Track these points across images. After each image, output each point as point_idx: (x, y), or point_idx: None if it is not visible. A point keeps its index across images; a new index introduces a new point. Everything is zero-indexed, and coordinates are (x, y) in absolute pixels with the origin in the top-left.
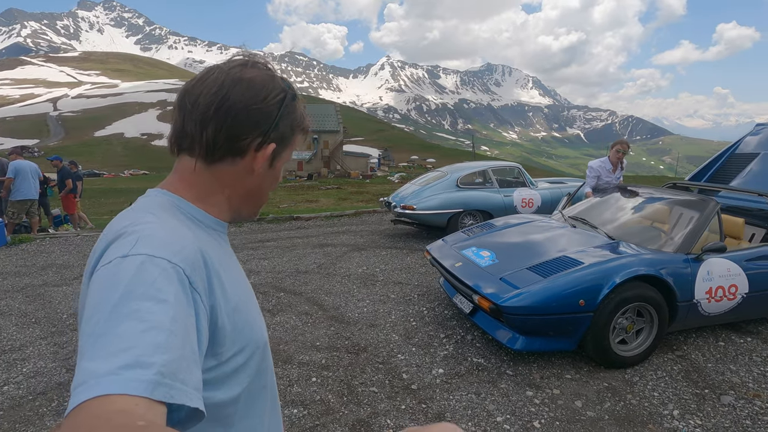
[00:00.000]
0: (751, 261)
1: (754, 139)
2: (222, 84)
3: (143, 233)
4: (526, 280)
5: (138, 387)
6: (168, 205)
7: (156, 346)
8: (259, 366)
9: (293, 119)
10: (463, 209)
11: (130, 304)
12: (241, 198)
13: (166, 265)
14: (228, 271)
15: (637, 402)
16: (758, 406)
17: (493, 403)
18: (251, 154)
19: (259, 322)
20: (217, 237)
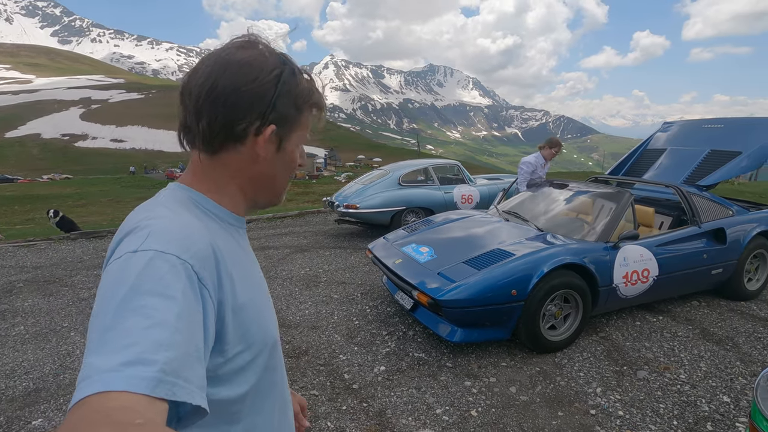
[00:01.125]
0: (660, 246)
1: (663, 136)
2: (212, 71)
3: (154, 228)
4: (462, 273)
5: (139, 384)
6: (185, 199)
7: (159, 343)
8: (267, 364)
9: (296, 96)
10: (405, 207)
11: (137, 300)
12: (254, 186)
13: (175, 261)
14: (240, 268)
15: (565, 383)
16: (668, 378)
17: (432, 396)
18: (251, 139)
19: (270, 320)
20: (233, 232)
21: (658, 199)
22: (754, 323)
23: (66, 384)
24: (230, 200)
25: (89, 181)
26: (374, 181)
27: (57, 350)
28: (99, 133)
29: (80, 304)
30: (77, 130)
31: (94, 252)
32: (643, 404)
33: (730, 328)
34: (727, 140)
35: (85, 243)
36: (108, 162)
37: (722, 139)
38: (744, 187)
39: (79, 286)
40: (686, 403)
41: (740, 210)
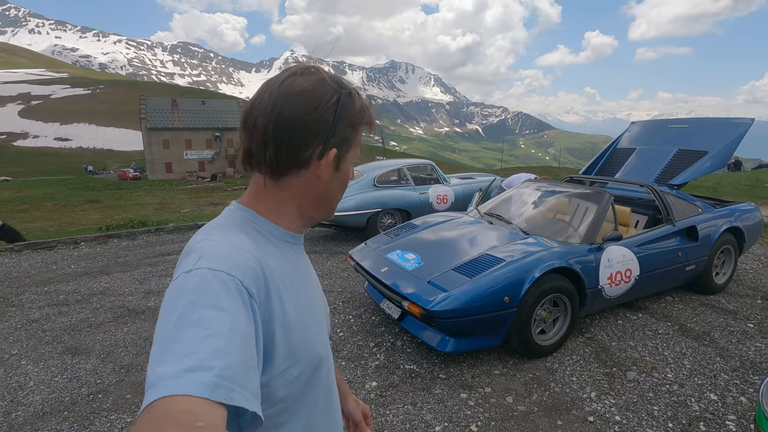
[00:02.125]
0: (640, 246)
1: (630, 136)
2: (275, 102)
3: (206, 249)
4: (453, 281)
5: (199, 388)
6: (241, 219)
7: (216, 350)
8: (309, 381)
9: (351, 117)
10: (381, 208)
11: (194, 313)
12: (312, 205)
13: (225, 278)
14: (291, 286)
15: (560, 389)
16: (656, 378)
17: (430, 411)
18: (315, 163)
19: (319, 337)
20: (287, 249)
21: (632, 198)
22: (725, 317)
23: (19, 423)
24: (287, 219)
25: (32, 184)
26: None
27: (6, 383)
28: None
29: (31, 327)
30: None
31: (43, 265)
32: (637, 407)
33: (705, 323)
34: (693, 140)
35: (31, 255)
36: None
37: (688, 138)
38: (698, 182)
39: (27, 305)
40: (677, 403)
41: (707, 207)
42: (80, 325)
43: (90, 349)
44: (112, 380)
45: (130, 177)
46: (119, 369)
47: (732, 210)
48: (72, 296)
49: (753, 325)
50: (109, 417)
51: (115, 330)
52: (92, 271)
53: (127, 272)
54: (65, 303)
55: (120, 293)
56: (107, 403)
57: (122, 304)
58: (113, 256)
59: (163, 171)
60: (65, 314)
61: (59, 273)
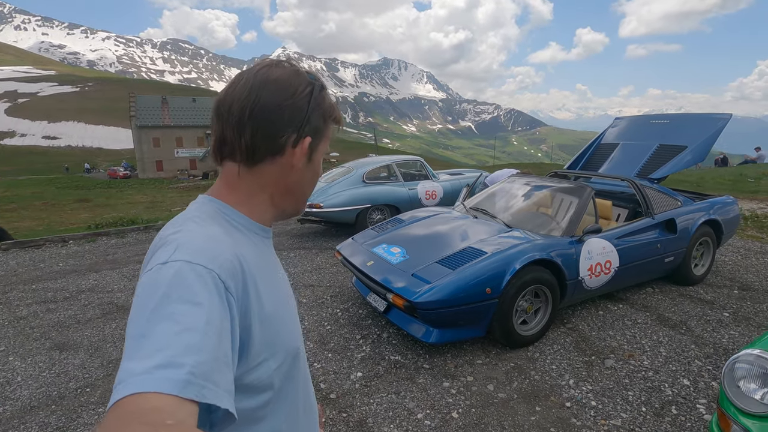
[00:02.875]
0: (620, 239)
1: (614, 131)
2: (251, 87)
3: (182, 241)
4: (436, 273)
5: (169, 385)
6: (213, 211)
7: (188, 347)
8: (289, 372)
9: (324, 110)
10: (370, 204)
11: (168, 307)
12: (284, 195)
13: (201, 271)
14: (266, 277)
15: (539, 377)
16: (632, 365)
17: (413, 400)
18: (289, 151)
19: (293, 329)
20: (260, 242)
21: (614, 192)
22: (702, 306)
23: (7, 417)
24: (259, 210)
25: (19, 183)
26: (337, 179)
27: None
28: (28, 130)
29: (18, 324)
30: (3, 127)
31: (30, 263)
32: (613, 393)
33: (683, 312)
34: (673, 135)
35: (19, 253)
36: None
37: (669, 133)
38: (681, 176)
39: (15, 302)
40: (651, 388)
41: (686, 200)
42: (68, 321)
43: (78, 344)
44: (100, 374)
45: (120, 176)
46: (107, 363)
47: (711, 203)
48: (60, 293)
49: (728, 314)
50: (97, 410)
51: (103, 326)
52: (81, 269)
53: (116, 269)
54: (53, 300)
55: (108, 290)
56: (95, 396)
57: (111, 300)
58: (102, 254)
59: (154, 169)
60: (53, 311)
61: (47, 271)
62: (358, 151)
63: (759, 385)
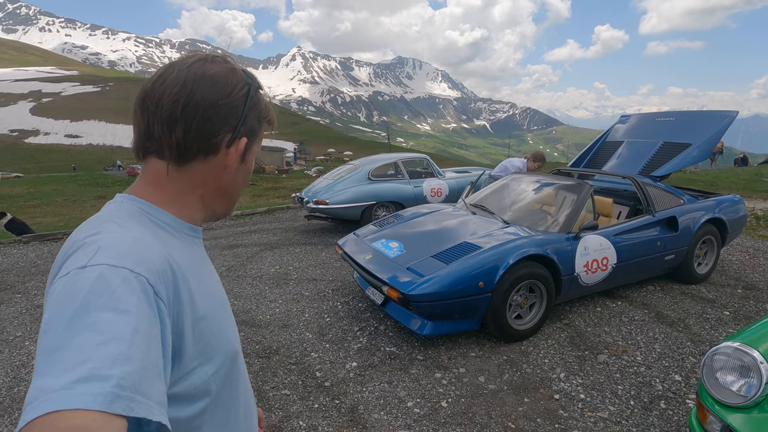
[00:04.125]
0: (618, 236)
1: (621, 128)
2: (185, 82)
3: (103, 243)
4: (431, 267)
5: (94, 401)
6: (135, 211)
7: (115, 357)
8: (227, 377)
9: (259, 111)
10: (376, 201)
11: (88, 316)
12: (215, 196)
13: (127, 275)
14: (198, 279)
15: (531, 370)
16: (625, 360)
17: (404, 389)
18: (223, 151)
19: (230, 331)
20: (190, 243)
21: (616, 189)
22: (703, 305)
23: (21, 397)
24: (188, 211)
25: (42, 180)
26: (344, 176)
27: (10, 362)
28: (52, 129)
29: (35, 312)
30: (27, 126)
31: (49, 255)
32: (603, 387)
33: (682, 310)
34: (678, 133)
35: (39, 246)
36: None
37: (674, 131)
38: (695, 176)
39: (33, 292)
40: (642, 383)
41: (690, 199)
42: None
43: None
44: None
45: (138, 173)
46: None
47: (716, 202)
48: None
49: (729, 313)
50: None
51: None
52: None
53: None
54: None
55: None
56: None
57: None
58: None
59: None
60: None
61: None
62: (372, 150)
63: (736, 376)
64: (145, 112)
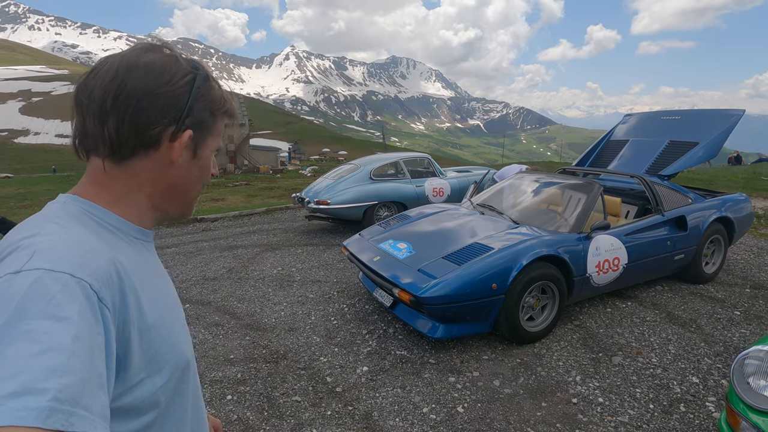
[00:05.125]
0: (628, 235)
1: (624, 128)
2: (116, 71)
3: (40, 246)
4: (442, 269)
5: (27, 417)
6: (78, 212)
7: (52, 369)
8: (177, 388)
9: (210, 102)
10: (377, 201)
11: (22, 325)
12: (165, 195)
13: (68, 280)
14: (147, 285)
15: (546, 373)
16: (641, 362)
17: (418, 394)
18: (166, 145)
19: (182, 339)
20: (139, 246)
21: (623, 188)
22: (713, 305)
23: None
24: (136, 212)
25: (33, 180)
26: (345, 175)
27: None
28: (42, 128)
29: None
30: (17, 125)
31: None
32: (620, 390)
33: (693, 310)
34: (684, 131)
35: None
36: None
37: (680, 130)
38: (694, 174)
39: None
40: (659, 386)
41: (697, 198)
42: None
43: None
44: None
45: None
46: None
47: (723, 201)
48: None
49: (739, 313)
50: None
51: None
52: None
53: None
54: None
55: None
56: None
57: None
58: None
59: None
60: None
61: None
62: (367, 150)
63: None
64: (79, 106)
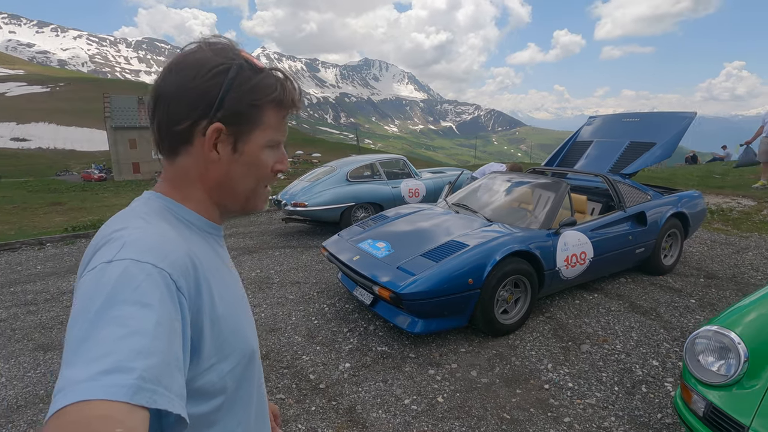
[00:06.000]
0: (594, 231)
1: (589, 129)
2: (162, 74)
3: (129, 238)
4: (420, 266)
5: (118, 392)
6: (160, 208)
7: (138, 351)
8: (243, 375)
9: (249, 92)
10: (354, 202)
11: (113, 310)
12: (217, 191)
13: (151, 270)
14: (218, 277)
15: (520, 363)
16: (606, 349)
17: (399, 387)
18: (198, 140)
19: (249, 330)
20: (211, 241)
21: (589, 187)
22: (671, 294)
23: None
24: (204, 207)
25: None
26: (321, 178)
27: None
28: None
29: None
30: None
31: (7, 266)
32: (588, 375)
33: (653, 300)
34: (643, 132)
35: None
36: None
37: (639, 131)
38: (653, 173)
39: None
40: (623, 369)
41: (655, 195)
42: (51, 322)
43: (62, 345)
44: None
45: (95, 178)
46: None
47: (679, 197)
48: (40, 296)
49: (695, 301)
50: None
51: None
52: (60, 271)
53: None
54: (33, 302)
55: None
56: None
57: None
58: (81, 256)
59: (131, 171)
60: (34, 313)
61: (25, 274)
62: (341, 152)
63: (716, 357)
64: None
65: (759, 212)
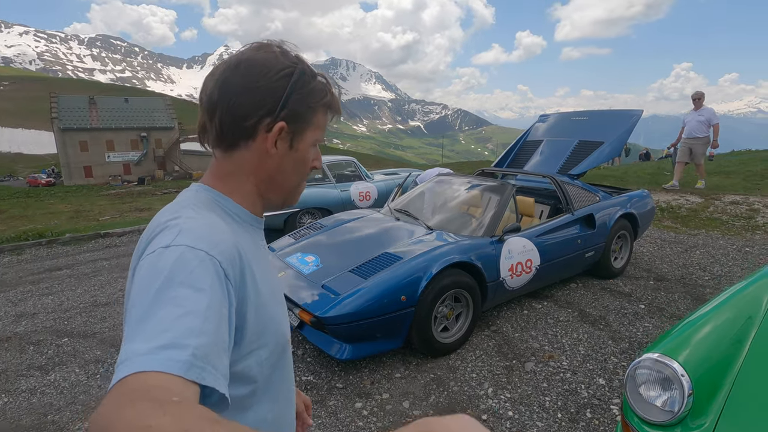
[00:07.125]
0: (540, 236)
1: (540, 128)
2: (224, 70)
3: (184, 226)
4: (347, 284)
5: (173, 366)
6: (208, 200)
7: (191, 330)
8: (277, 363)
9: (308, 94)
10: (300, 208)
11: (170, 291)
12: (266, 184)
13: (204, 257)
14: (260, 268)
15: (458, 388)
16: (552, 367)
17: (319, 427)
18: (262, 135)
19: (283, 320)
20: (253, 232)
21: (537, 188)
22: (620, 300)
23: None
24: (249, 201)
25: None
26: None
27: None
28: None
29: None
30: None
31: None
32: (530, 400)
33: (602, 306)
34: (591, 131)
35: None
36: None
37: (588, 130)
38: (607, 171)
39: None
40: (568, 391)
41: (604, 195)
42: None
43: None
44: None
45: (42, 183)
46: None
47: (628, 197)
48: None
49: (644, 306)
50: None
51: None
52: None
53: (0, 293)
54: None
55: None
56: None
57: None
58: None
59: (82, 175)
60: None
61: None
62: None
63: (659, 391)
64: (200, 105)
65: (706, 209)
